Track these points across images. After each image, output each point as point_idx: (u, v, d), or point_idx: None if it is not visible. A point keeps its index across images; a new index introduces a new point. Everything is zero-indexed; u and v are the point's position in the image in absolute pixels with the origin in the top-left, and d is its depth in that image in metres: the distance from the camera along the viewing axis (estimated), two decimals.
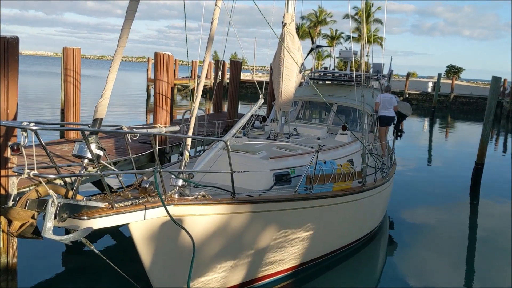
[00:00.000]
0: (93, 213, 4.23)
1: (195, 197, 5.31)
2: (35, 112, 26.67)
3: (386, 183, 9.43)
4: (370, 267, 9.06)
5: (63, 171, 4.92)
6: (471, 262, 9.52)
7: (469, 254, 9.96)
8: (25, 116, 24.15)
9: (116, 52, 4.52)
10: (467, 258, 9.69)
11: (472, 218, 12.71)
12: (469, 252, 10.07)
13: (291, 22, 8.66)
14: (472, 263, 9.46)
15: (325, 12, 63.83)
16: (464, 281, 8.52)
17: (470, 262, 9.53)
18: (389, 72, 14.47)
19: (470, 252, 10.08)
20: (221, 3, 6.11)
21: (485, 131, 14.12)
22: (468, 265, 9.35)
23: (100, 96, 4.70)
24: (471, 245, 10.57)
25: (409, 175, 17.00)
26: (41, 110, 28.07)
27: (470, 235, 11.29)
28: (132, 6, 4.56)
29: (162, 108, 9.73)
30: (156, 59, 9.90)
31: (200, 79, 6.00)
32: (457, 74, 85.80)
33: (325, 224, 7.64)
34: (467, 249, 10.24)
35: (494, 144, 28.92)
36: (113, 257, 7.73)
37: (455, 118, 44.10)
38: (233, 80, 16.25)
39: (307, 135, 9.84)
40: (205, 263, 5.94)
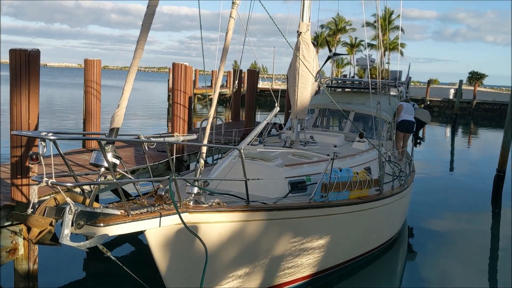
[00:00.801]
0: (109, 220, 4.34)
1: (209, 205, 5.38)
2: (59, 123, 27.30)
3: (404, 190, 9.34)
4: (389, 276, 8.98)
5: (81, 180, 5.06)
6: (494, 272, 9.35)
7: (491, 264, 9.79)
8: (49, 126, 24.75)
9: (132, 63, 4.65)
10: (489, 268, 9.53)
11: (494, 226, 12.47)
12: (491, 262, 9.90)
13: (307, 31, 8.71)
14: (494, 273, 9.29)
15: (344, 21, 63.72)
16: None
17: (492, 271, 9.37)
18: (407, 79, 14.37)
19: (492, 262, 9.91)
20: (236, 13, 6.20)
21: (506, 137, 13.86)
22: (490, 274, 9.20)
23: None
24: (493, 254, 10.37)
25: (430, 183, 16.80)
26: (65, 121, 28.68)
27: (492, 244, 11.10)
28: (148, 19, 4.69)
29: (179, 117, 9.88)
30: (174, 69, 10.08)
31: (215, 89, 6.08)
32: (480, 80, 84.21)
33: (342, 232, 7.61)
34: (489, 258, 10.06)
35: None
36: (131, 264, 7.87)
37: (478, 125, 43.35)
38: (250, 88, 16.39)
39: (323, 143, 9.83)
40: (220, 270, 5.99)
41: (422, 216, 12.43)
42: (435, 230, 11.41)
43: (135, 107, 41.96)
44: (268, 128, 9.78)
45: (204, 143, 5.98)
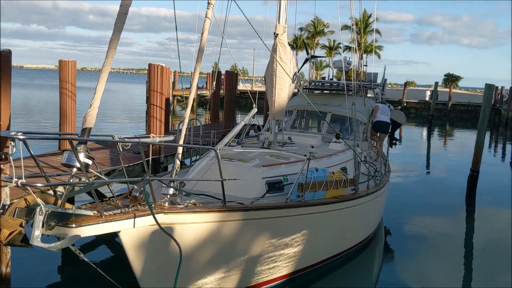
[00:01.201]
0: (82, 221, 4.29)
1: (185, 205, 5.37)
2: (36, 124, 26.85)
3: (380, 190, 9.47)
4: (365, 275, 9.07)
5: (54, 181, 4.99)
6: (469, 269, 9.52)
7: (467, 262, 9.95)
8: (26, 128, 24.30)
9: (105, 63, 4.61)
10: (464, 265, 9.70)
11: (469, 225, 12.71)
12: (467, 260, 10.06)
13: (283, 32, 8.78)
14: (470, 270, 9.46)
15: (322, 23, 64.33)
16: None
17: (468, 269, 9.54)
18: (383, 81, 14.59)
19: (467, 260, 10.07)
20: (211, 14, 6.21)
21: (479, 138, 14.18)
22: (465, 272, 9.36)
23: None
24: (468, 252, 10.57)
25: (407, 183, 17.06)
26: (42, 122, 28.21)
27: (466, 242, 11.29)
28: (120, 18, 4.67)
29: (156, 118, 9.84)
30: (150, 70, 10.03)
31: (191, 90, 6.08)
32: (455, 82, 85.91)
33: (318, 231, 7.67)
34: (464, 257, 10.24)
35: (494, 152, 28.98)
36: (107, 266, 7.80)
37: (453, 126, 44.19)
38: (229, 90, 16.40)
39: (301, 144, 9.91)
40: (197, 271, 5.98)
41: (398, 215, 12.58)
42: (411, 230, 11.56)
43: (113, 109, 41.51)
44: (246, 129, 9.81)
45: (180, 143, 5.97)
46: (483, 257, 10.06)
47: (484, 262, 9.79)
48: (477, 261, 9.90)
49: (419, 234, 11.25)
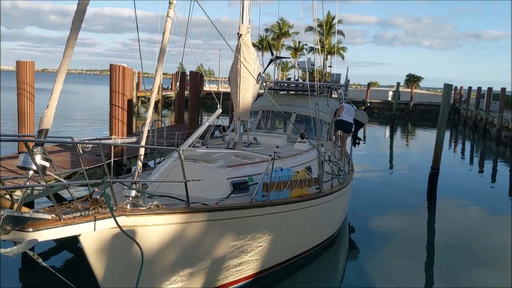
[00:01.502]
0: (39, 225, 4.17)
1: (148, 207, 5.29)
2: None
3: (344, 188, 9.61)
4: (330, 272, 9.17)
5: (10, 184, 4.83)
6: (431, 265, 9.74)
7: (429, 257, 10.18)
8: None
9: (62, 62, 4.50)
10: (426, 261, 9.91)
11: (430, 221, 13.06)
12: (429, 255, 10.30)
13: (247, 33, 8.79)
14: (431, 266, 9.68)
15: (287, 24, 64.81)
16: (425, 282, 8.72)
17: (429, 265, 9.75)
18: (346, 82, 14.84)
19: (429, 255, 10.31)
20: (173, 13, 6.16)
21: (439, 136, 14.61)
22: (427, 268, 9.56)
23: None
24: (430, 248, 10.81)
25: (370, 181, 17.38)
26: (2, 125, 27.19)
27: (428, 238, 11.58)
28: (78, 17, 4.56)
29: (118, 119, 9.66)
30: (112, 71, 9.84)
31: (152, 90, 6.01)
32: (416, 82, 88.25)
33: (284, 231, 7.71)
34: (427, 253, 10.47)
35: (453, 150, 29.92)
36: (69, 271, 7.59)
37: (415, 125, 45.36)
38: (193, 91, 16.28)
39: (266, 144, 9.94)
40: (161, 273, 5.91)
41: (362, 213, 12.81)
42: (375, 227, 11.77)
43: (76, 111, 40.53)
44: (210, 130, 9.76)
45: (142, 144, 5.88)
46: (444, 253, 10.34)
47: (445, 257, 10.06)
48: (438, 257, 10.16)
49: (382, 231, 11.47)
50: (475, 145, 33.41)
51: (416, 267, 9.41)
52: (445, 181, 16.26)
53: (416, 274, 9.04)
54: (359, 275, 8.88)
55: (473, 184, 18.32)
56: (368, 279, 8.68)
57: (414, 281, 8.67)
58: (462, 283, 8.56)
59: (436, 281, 8.86)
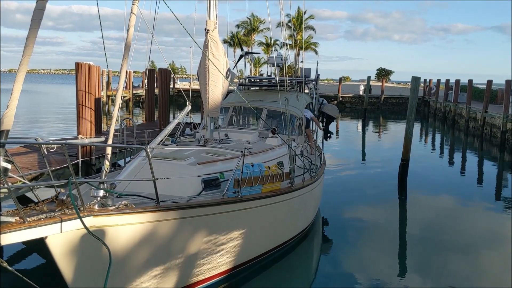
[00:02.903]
0: (3, 228, 4.08)
1: (116, 207, 5.22)
2: None
3: (315, 182, 9.69)
4: (305, 265, 9.23)
5: None
6: (403, 255, 9.93)
7: (401, 247, 10.38)
8: None
9: (22, 61, 4.38)
10: (399, 251, 10.10)
11: (401, 212, 13.29)
12: (401, 245, 10.50)
13: (214, 28, 8.74)
14: (404, 256, 9.86)
15: (258, 20, 64.70)
16: (398, 273, 8.84)
17: (402, 254, 9.94)
18: (316, 76, 14.94)
19: (401, 245, 10.50)
20: (136, 9, 6.07)
21: (408, 128, 14.88)
22: (400, 257, 9.75)
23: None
24: (402, 238, 11.03)
25: (343, 174, 17.58)
26: None
27: (400, 229, 11.80)
28: (37, 14, 4.45)
29: (85, 119, 9.48)
30: (78, 69, 9.64)
31: (118, 88, 5.91)
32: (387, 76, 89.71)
33: (256, 226, 7.73)
34: (399, 243, 10.68)
35: (424, 141, 30.53)
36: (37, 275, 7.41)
37: (386, 118, 46.06)
38: (163, 88, 16.10)
39: (238, 140, 9.94)
40: (132, 273, 5.85)
41: (335, 206, 12.93)
42: (348, 220, 11.92)
43: (44, 112, 39.61)
44: (180, 127, 9.68)
45: (109, 143, 5.79)
46: (416, 242, 10.54)
47: (417, 246, 10.25)
48: (410, 246, 10.34)
49: (355, 223, 11.61)
50: (444, 136, 34.19)
51: (388, 257, 9.57)
52: (416, 172, 16.59)
53: (389, 264, 9.20)
54: (333, 266, 8.99)
55: (443, 174, 18.74)
56: (342, 269, 8.79)
57: (387, 270, 8.82)
58: (433, 270, 8.74)
59: (408, 269, 9.04)
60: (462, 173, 19.81)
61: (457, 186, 16.60)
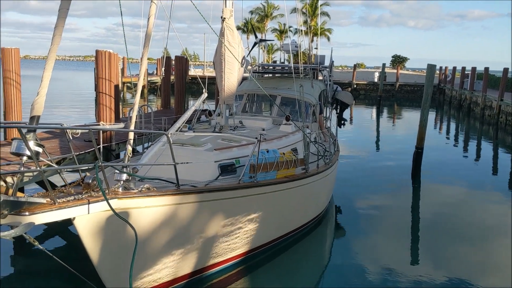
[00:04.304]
0: (35, 209, 4.32)
1: (139, 190, 5.45)
2: None
3: (329, 169, 9.83)
4: (317, 252, 9.39)
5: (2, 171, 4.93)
6: (416, 242, 10.01)
7: (414, 234, 10.48)
8: None
9: (51, 49, 4.59)
10: (412, 239, 10.19)
11: (415, 200, 13.33)
12: (414, 234, 10.58)
13: (230, 16, 8.85)
14: (417, 243, 9.95)
15: (272, 6, 64.27)
16: (410, 261, 8.93)
17: (415, 242, 10.03)
18: (330, 63, 14.97)
19: (414, 234, 10.59)
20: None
21: (423, 116, 14.87)
22: (413, 245, 9.83)
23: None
24: (415, 226, 11.09)
25: (357, 162, 17.62)
26: None
27: (413, 216, 11.87)
28: (64, 4, 4.64)
29: (106, 106, 9.73)
30: (98, 57, 9.85)
31: (139, 76, 6.11)
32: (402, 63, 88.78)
33: (271, 211, 7.93)
34: (411, 231, 10.75)
35: (439, 129, 30.36)
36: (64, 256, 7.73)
37: (401, 106, 45.77)
38: (179, 75, 16.28)
39: (252, 127, 10.10)
40: (154, 254, 6.10)
41: (348, 194, 13.02)
42: (361, 206, 12.01)
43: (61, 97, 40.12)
44: (197, 114, 9.85)
45: (131, 129, 6.01)
46: (429, 230, 10.58)
47: (430, 234, 10.30)
48: (423, 234, 10.40)
49: (368, 210, 11.71)
50: (459, 124, 33.92)
51: (401, 245, 9.64)
52: (430, 160, 16.56)
53: (402, 252, 9.27)
54: (346, 253, 9.08)
55: (457, 163, 18.69)
56: (354, 256, 8.87)
57: (400, 259, 8.88)
58: (445, 259, 8.79)
59: (420, 258, 9.12)
60: (477, 161, 19.73)
61: (471, 175, 16.56)
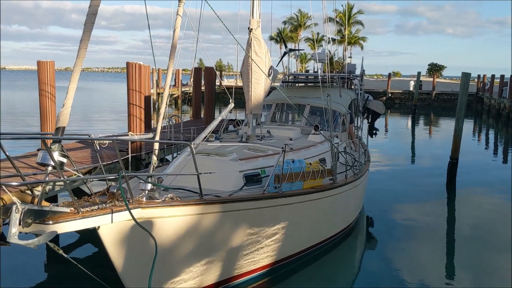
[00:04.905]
0: (58, 218, 4.40)
1: (162, 200, 5.49)
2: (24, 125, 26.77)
3: (358, 179, 9.66)
4: (347, 263, 9.18)
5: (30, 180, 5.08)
6: (451, 255, 9.71)
7: (449, 248, 10.14)
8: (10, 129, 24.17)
9: (76, 63, 4.71)
10: (447, 252, 9.87)
11: (450, 212, 12.95)
12: (449, 246, 10.26)
13: (257, 27, 8.90)
14: (452, 256, 9.65)
15: (306, 16, 64.30)
16: (445, 274, 8.64)
17: (450, 255, 9.71)
18: (361, 72, 14.80)
19: (449, 246, 10.27)
20: (182, 10, 6.32)
21: (457, 126, 14.52)
22: (448, 258, 9.52)
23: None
24: (450, 238, 10.77)
25: (390, 172, 17.31)
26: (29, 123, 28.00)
27: (448, 228, 11.49)
28: (90, 19, 4.76)
29: (136, 116, 9.92)
30: (128, 69, 10.09)
31: (165, 87, 6.19)
32: (439, 72, 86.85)
33: (297, 222, 7.83)
34: (446, 243, 10.43)
35: (477, 139, 29.46)
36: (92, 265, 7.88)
37: (437, 115, 44.67)
38: (208, 86, 16.47)
39: (280, 137, 10.05)
40: (177, 263, 6.12)
41: (380, 204, 12.75)
42: (394, 218, 11.73)
43: (98, 109, 41.30)
44: (224, 124, 9.89)
45: (156, 139, 6.09)
46: (465, 244, 10.22)
47: (466, 248, 9.94)
48: (459, 248, 10.07)
49: (401, 221, 11.42)
50: (498, 134, 32.80)
51: (436, 257, 9.34)
52: (466, 171, 16.12)
53: (436, 264, 8.98)
54: (377, 265, 8.85)
55: (495, 174, 18.04)
56: (386, 268, 8.64)
57: (434, 270, 8.61)
58: (482, 271, 8.48)
59: (456, 269, 8.84)
60: None
61: (509, 186, 15.97)
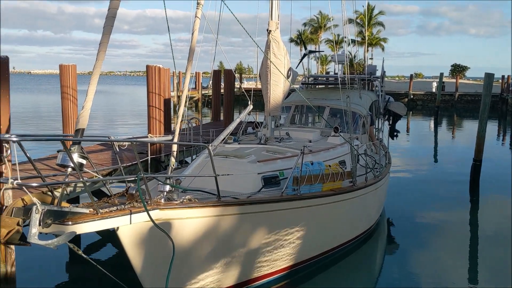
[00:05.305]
0: (78, 218, 4.45)
1: (180, 201, 5.51)
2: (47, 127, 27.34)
3: (379, 182, 9.53)
4: (367, 266, 9.06)
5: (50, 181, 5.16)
6: (474, 259, 9.52)
7: (472, 251, 9.94)
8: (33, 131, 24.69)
9: (95, 65, 4.77)
10: (469, 255, 9.69)
11: (473, 214, 12.71)
12: (472, 249, 10.06)
13: (276, 29, 8.88)
14: (475, 260, 9.46)
15: (326, 17, 63.99)
16: (468, 277, 8.48)
17: (473, 258, 9.53)
18: (382, 74, 14.64)
19: (472, 249, 10.07)
20: (200, 13, 6.34)
21: (480, 127, 14.26)
22: (471, 261, 9.36)
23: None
24: (473, 241, 10.57)
25: (412, 174, 17.08)
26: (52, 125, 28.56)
27: (471, 231, 11.29)
28: (109, 21, 4.81)
29: (155, 119, 10.00)
30: (148, 72, 10.19)
31: (183, 89, 6.22)
32: (462, 72, 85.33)
33: (316, 224, 7.76)
34: (470, 246, 10.22)
35: (502, 141, 28.86)
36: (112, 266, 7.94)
37: (460, 116, 43.95)
38: (227, 88, 16.54)
39: (299, 139, 9.99)
40: (195, 265, 6.12)
41: (401, 207, 12.59)
42: (415, 220, 11.54)
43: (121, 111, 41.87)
44: (242, 126, 9.88)
45: (174, 141, 6.12)
46: (490, 247, 10.00)
47: (490, 251, 9.73)
48: (483, 251, 9.85)
49: (422, 224, 11.23)
50: None
51: (458, 260, 9.18)
52: (490, 173, 15.76)
53: (459, 267, 8.82)
54: (398, 268, 8.74)
55: None
56: (407, 272, 8.50)
57: (457, 274, 8.46)
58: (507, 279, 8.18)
59: (480, 273, 8.65)
60: None
61: None
